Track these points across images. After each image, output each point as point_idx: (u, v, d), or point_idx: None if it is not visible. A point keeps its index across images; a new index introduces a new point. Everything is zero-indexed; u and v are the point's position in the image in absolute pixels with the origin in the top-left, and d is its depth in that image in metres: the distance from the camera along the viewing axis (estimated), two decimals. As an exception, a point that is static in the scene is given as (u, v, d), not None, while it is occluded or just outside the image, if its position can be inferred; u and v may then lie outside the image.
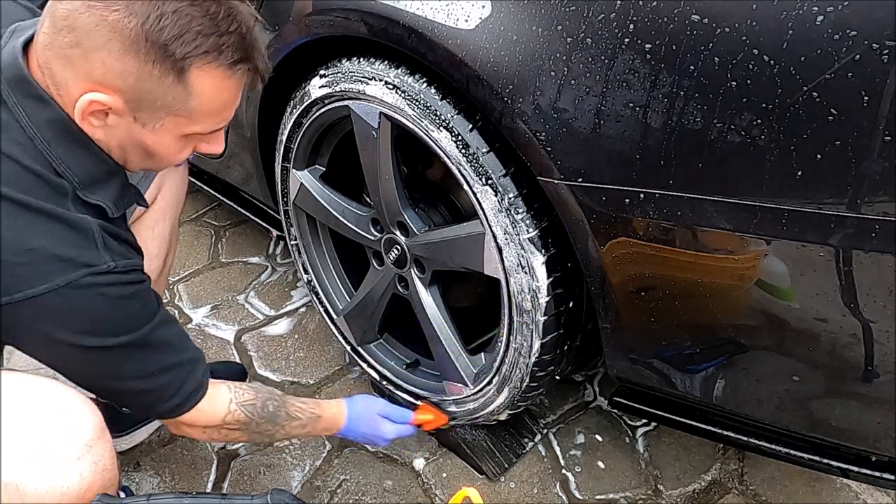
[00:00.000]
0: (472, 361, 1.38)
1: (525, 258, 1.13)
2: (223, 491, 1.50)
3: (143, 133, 0.92)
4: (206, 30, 0.85)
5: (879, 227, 0.79)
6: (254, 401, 1.17)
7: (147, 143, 0.93)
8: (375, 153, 1.28)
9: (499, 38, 0.99)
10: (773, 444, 1.11)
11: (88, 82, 0.86)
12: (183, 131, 0.93)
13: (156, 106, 0.88)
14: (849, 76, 0.76)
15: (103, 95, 0.86)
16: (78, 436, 0.94)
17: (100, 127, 0.90)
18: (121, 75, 0.85)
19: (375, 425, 1.36)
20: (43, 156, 0.89)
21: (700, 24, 0.84)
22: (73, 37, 0.83)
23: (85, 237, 0.90)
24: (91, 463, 0.94)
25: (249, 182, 1.74)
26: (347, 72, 1.26)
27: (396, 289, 1.46)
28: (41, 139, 0.88)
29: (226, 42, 0.87)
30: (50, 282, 0.87)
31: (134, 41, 0.83)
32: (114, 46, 0.83)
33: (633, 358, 1.14)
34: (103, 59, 0.84)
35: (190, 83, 0.87)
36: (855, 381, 0.93)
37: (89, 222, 0.91)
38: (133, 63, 0.84)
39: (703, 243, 0.94)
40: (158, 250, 1.41)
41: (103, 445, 0.97)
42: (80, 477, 0.93)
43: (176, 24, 0.83)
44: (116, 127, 0.91)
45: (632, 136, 0.92)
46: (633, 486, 1.50)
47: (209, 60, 0.87)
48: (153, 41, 0.83)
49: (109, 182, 0.96)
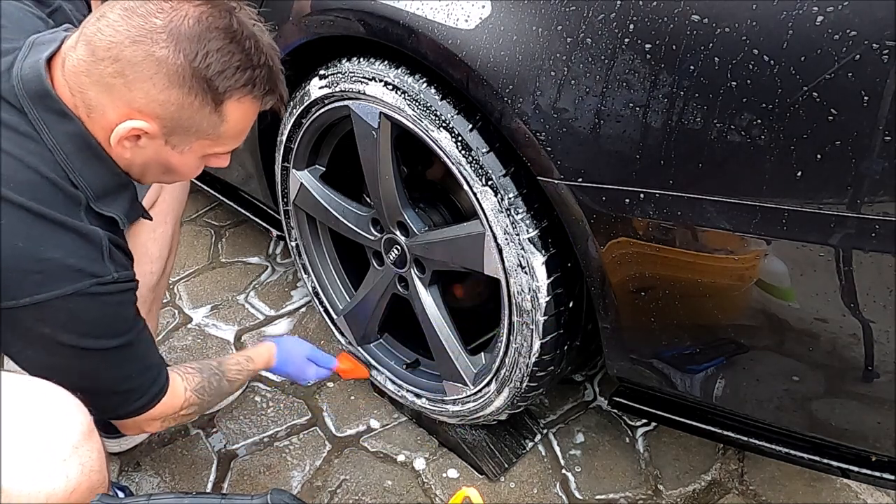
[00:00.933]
0: (472, 361, 1.38)
1: (525, 258, 1.13)
2: (223, 491, 1.50)
3: (171, 154, 0.98)
4: (244, 64, 0.92)
5: (879, 227, 0.79)
6: (202, 382, 1.21)
7: (172, 163, 1.00)
8: (375, 153, 1.28)
9: (499, 38, 0.99)
10: (773, 444, 1.11)
11: (128, 109, 0.91)
12: (207, 152, 1.01)
13: (189, 132, 0.95)
14: (849, 76, 0.76)
15: (143, 123, 0.92)
16: (65, 436, 0.94)
17: (130, 148, 0.95)
18: (162, 105, 0.91)
19: (301, 366, 1.46)
20: (61, 167, 0.93)
21: (700, 24, 0.84)
22: (116, 67, 0.89)
23: (94, 248, 0.94)
24: (78, 464, 0.93)
25: (249, 182, 1.74)
26: (347, 72, 1.26)
27: (396, 289, 1.46)
28: (60, 151, 0.92)
29: (258, 75, 0.94)
30: (58, 289, 0.91)
31: (180, 75, 0.89)
32: (159, 80, 0.89)
33: (633, 358, 1.14)
34: (147, 90, 0.90)
35: (224, 112, 0.95)
36: (855, 381, 0.93)
37: (100, 235, 0.95)
38: (177, 95, 0.90)
39: (703, 243, 0.94)
40: (160, 252, 1.42)
41: (91, 446, 0.96)
42: (66, 478, 0.92)
43: (219, 60, 0.90)
44: (146, 148, 0.96)
45: (632, 135, 0.92)
46: (633, 486, 1.50)
47: (245, 93, 0.94)
48: (199, 77, 0.90)
49: (121, 195, 1.00)
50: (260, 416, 1.65)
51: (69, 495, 0.93)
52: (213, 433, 1.61)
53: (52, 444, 0.93)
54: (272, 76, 0.97)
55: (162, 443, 1.58)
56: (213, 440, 1.59)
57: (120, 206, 1.00)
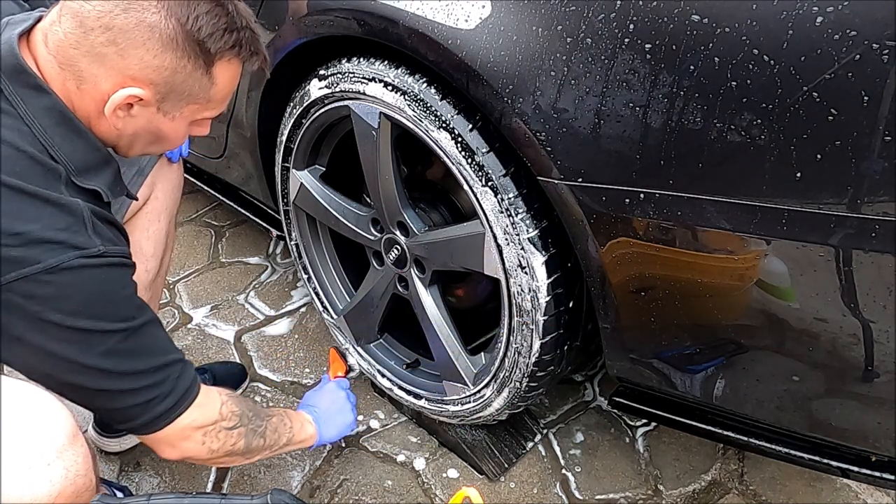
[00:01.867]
0: (472, 361, 1.38)
1: (525, 258, 1.13)
2: (223, 491, 1.50)
3: (162, 121, 0.99)
4: (230, 26, 0.95)
5: (879, 227, 0.79)
6: (231, 393, 1.16)
7: (163, 129, 1.00)
8: (375, 153, 1.28)
9: (499, 38, 0.99)
10: (773, 444, 1.11)
11: (122, 77, 0.92)
12: (196, 117, 1.02)
13: (182, 96, 0.96)
14: (849, 76, 0.76)
15: (138, 89, 0.92)
16: (49, 440, 0.92)
17: (123, 118, 0.96)
18: (157, 70, 0.92)
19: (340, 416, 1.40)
20: (39, 141, 0.92)
21: (700, 24, 0.84)
22: (108, 36, 0.89)
23: (75, 220, 0.92)
24: (62, 469, 0.92)
25: (249, 182, 1.74)
26: (347, 72, 1.26)
27: (396, 289, 1.46)
28: (38, 126, 0.92)
29: (243, 37, 0.97)
30: (41, 262, 0.88)
31: (173, 39, 0.91)
32: (153, 45, 0.90)
33: (633, 358, 1.14)
34: (141, 57, 0.91)
35: (214, 74, 0.97)
36: (855, 381, 0.93)
37: (80, 206, 0.92)
38: (171, 59, 0.92)
39: (703, 243, 0.94)
40: (154, 250, 1.41)
41: (76, 451, 0.94)
42: (50, 483, 0.91)
43: (209, 22, 0.93)
44: (138, 117, 0.97)
45: (632, 136, 0.92)
46: (633, 486, 1.50)
47: (234, 54, 0.97)
48: (192, 39, 0.92)
49: (103, 170, 0.99)
50: (260, 416, 1.65)
51: (53, 500, 0.91)
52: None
53: (35, 448, 0.91)
54: (254, 38, 0.99)
55: (162, 443, 1.58)
56: (213, 440, 1.59)
57: (102, 179, 0.98)
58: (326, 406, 1.39)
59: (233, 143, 1.65)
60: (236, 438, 1.13)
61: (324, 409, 1.37)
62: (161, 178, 1.40)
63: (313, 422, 1.33)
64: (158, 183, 1.39)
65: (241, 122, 1.54)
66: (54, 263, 0.88)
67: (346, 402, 1.42)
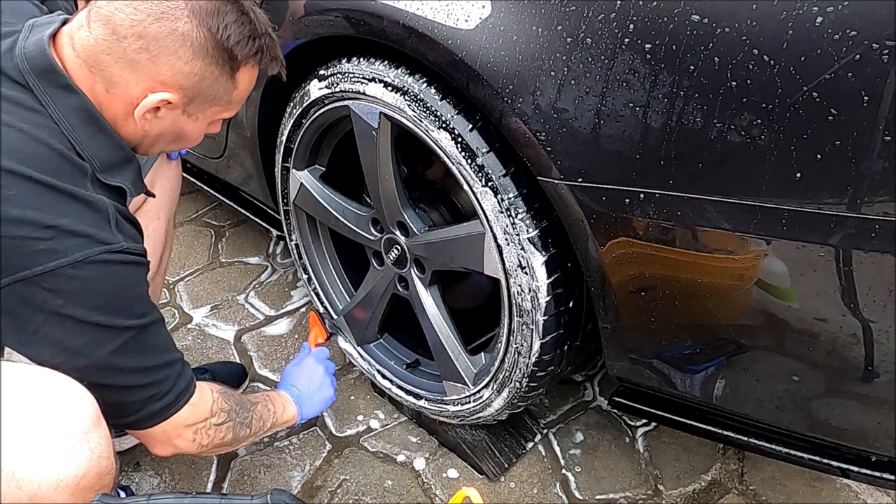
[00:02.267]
0: (472, 361, 1.38)
1: (525, 258, 1.13)
2: (223, 491, 1.50)
3: (186, 122, 1.04)
4: (254, 34, 1.00)
5: (879, 227, 0.79)
6: (221, 388, 1.19)
7: (186, 130, 1.06)
8: (375, 153, 1.28)
9: (499, 38, 0.99)
10: (773, 444, 1.11)
11: (152, 82, 0.97)
12: (216, 117, 1.07)
13: (207, 99, 1.02)
14: (849, 76, 0.76)
15: (168, 94, 0.98)
16: (74, 422, 0.94)
17: (150, 120, 1.00)
18: (187, 76, 0.97)
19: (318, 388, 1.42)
20: (67, 139, 0.95)
21: (700, 24, 0.84)
22: (141, 43, 0.94)
23: (101, 217, 0.96)
24: (87, 450, 0.94)
25: (249, 182, 1.74)
26: (347, 72, 1.26)
27: (396, 289, 1.46)
28: (67, 124, 0.95)
29: (265, 43, 1.02)
30: (69, 256, 0.91)
31: (203, 47, 0.96)
32: (184, 52, 0.95)
33: (633, 358, 1.14)
34: (173, 63, 0.96)
35: (238, 79, 1.03)
36: (855, 381, 0.93)
37: (105, 203, 0.96)
38: (200, 66, 0.97)
39: (703, 243, 0.94)
40: (153, 249, 1.41)
41: (100, 433, 0.97)
42: (76, 464, 0.93)
43: (236, 32, 0.98)
44: (164, 119, 1.02)
45: (632, 136, 0.92)
46: (633, 486, 1.50)
47: (256, 60, 1.03)
48: (221, 48, 0.97)
49: (126, 168, 1.03)
50: (260, 416, 1.65)
51: (79, 480, 0.93)
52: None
53: (61, 429, 0.93)
54: (274, 44, 1.05)
55: (162, 443, 1.58)
56: (213, 440, 1.59)
57: (126, 177, 1.02)
58: (306, 384, 1.41)
59: (233, 143, 1.65)
60: (225, 432, 1.17)
61: (304, 388, 1.40)
62: (160, 176, 1.41)
63: (295, 402, 1.36)
64: (157, 181, 1.40)
65: (241, 122, 1.54)
66: (81, 257, 0.92)
67: (325, 376, 1.44)
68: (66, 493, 0.93)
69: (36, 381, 0.96)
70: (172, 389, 1.05)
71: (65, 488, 0.93)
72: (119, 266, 0.96)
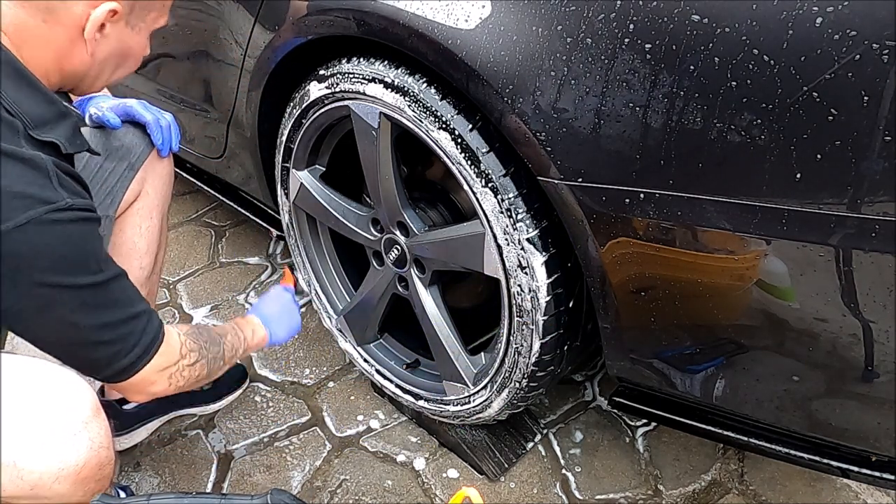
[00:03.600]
0: (472, 361, 1.38)
1: (525, 258, 1.13)
2: (223, 491, 1.50)
3: (129, 36, 1.05)
4: None
5: (879, 227, 0.79)
6: (190, 329, 1.16)
7: (131, 45, 1.07)
8: (375, 153, 1.28)
9: (499, 38, 0.99)
10: (773, 444, 1.11)
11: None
12: (152, 27, 1.09)
13: (146, 5, 1.04)
14: (849, 76, 0.76)
15: (114, 3, 0.98)
16: (75, 413, 0.95)
17: (99, 41, 1.00)
18: None
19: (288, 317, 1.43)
20: None
21: (700, 24, 0.84)
22: None
23: (40, 174, 0.91)
24: (87, 440, 0.95)
25: (249, 182, 1.74)
26: (347, 72, 1.26)
27: (396, 289, 1.46)
28: None
29: None
30: (13, 219, 0.87)
31: None
32: None
33: (633, 358, 1.14)
34: None
35: None
36: (855, 381, 0.93)
37: (43, 159, 0.92)
38: None
39: (703, 243, 0.94)
40: (148, 247, 1.41)
41: (100, 423, 0.97)
42: (77, 453, 0.94)
43: None
44: (109, 37, 1.02)
45: (632, 136, 0.92)
46: (633, 486, 1.50)
47: None
48: None
49: (60, 123, 0.98)
50: (260, 416, 1.65)
51: (80, 470, 0.94)
52: (213, 433, 1.61)
53: (62, 420, 0.94)
54: None
55: (162, 443, 1.58)
56: (212, 440, 1.59)
57: (60, 132, 0.97)
58: (276, 309, 1.42)
59: (233, 143, 1.65)
60: (199, 370, 1.15)
61: (273, 312, 1.41)
62: (151, 173, 1.39)
63: (263, 325, 1.36)
64: (149, 178, 1.39)
65: (241, 122, 1.54)
66: (24, 220, 0.87)
67: (292, 304, 1.45)
68: (67, 483, 0.94)
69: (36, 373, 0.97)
70: (140, 342, 1.02)
71: (66, 478, 0.93)
72: (68, 224, 0.92)
